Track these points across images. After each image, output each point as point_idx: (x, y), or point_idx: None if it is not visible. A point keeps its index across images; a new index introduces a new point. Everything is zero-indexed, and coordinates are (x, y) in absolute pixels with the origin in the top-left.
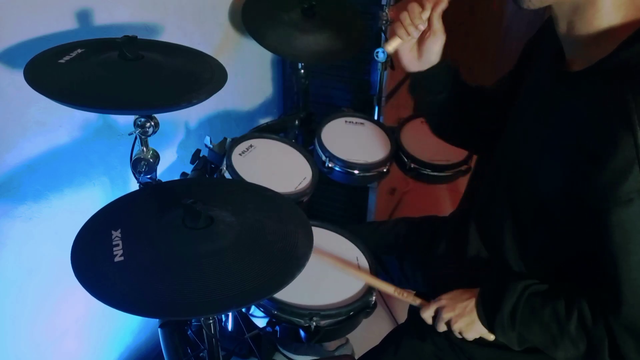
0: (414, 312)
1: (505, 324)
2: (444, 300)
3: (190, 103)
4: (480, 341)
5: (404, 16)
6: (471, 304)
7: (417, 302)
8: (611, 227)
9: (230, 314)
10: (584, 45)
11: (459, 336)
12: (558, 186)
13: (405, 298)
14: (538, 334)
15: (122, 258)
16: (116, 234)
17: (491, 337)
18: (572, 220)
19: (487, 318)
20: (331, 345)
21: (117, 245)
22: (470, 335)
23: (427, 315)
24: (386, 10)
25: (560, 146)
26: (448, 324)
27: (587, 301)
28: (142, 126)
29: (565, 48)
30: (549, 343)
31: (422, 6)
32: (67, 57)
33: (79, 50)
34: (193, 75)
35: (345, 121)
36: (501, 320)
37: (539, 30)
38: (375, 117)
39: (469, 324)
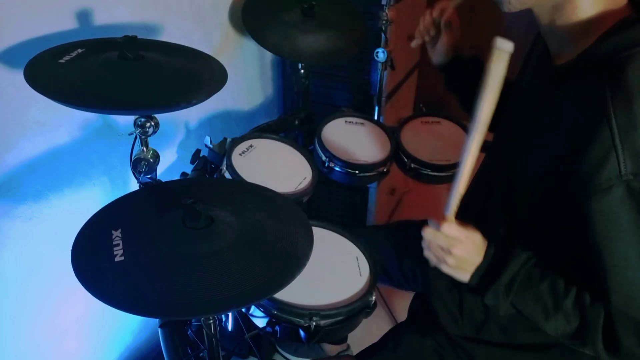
0: (414, 310)
1: (501, 291)
2: (469, 241)
3: (190, 103)
4: (481, 339)
5: (420, 21)
6: (476, 261)
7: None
8: (593, 216)
9: (230, 314)
10: (566, 40)
11: (433, 262)
12: (550, 182)
13: (457, 200)
14: (531, 304)
15: (122, 258)
16: (116, 233)
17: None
18: (564, 217)
19: (481, 282)
20: (332, 351)
21: (118, 245)
22: (446, 271)
23: (449, 230)
24: (386, 10)
25: (551, 141)
26: (438, 249)
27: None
28: (142, 126)
29: (548, 43)
30: (540, 314)
31: (431, 13)
32: (67, 57)
33: (79, 50)
34: (193, 75)
35: (345, 121)
36: (497, 287)
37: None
38: (375, 117)
39: (457, 270)
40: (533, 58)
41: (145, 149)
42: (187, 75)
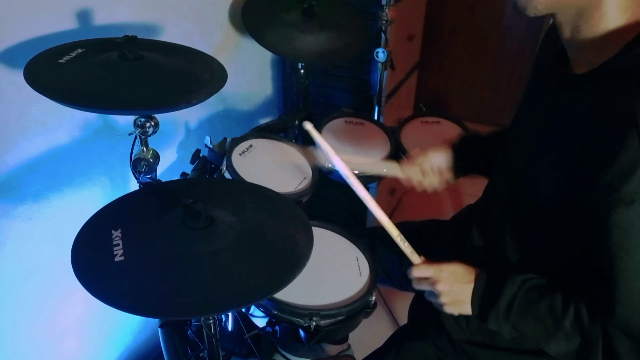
0: (414, 313)
1: (501, 316)
2: (444, 273)
3: (189, 103)
4: (482, 343)
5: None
6: (468, 290)
7: (414, 258)
8: (611, 227)
9: (230, 314)
10: (589, 49)
11: (439, 307)
12: (558, 188)
13: (406, 248)
14: (532, 326)
15: (122, 258)
16: (116, 233)
17: (469, 313)
18: (571, 221)
19: (481, 309)
20: (332, 351)
21: (118, 245)
22: (450, 311)
23: (419, 273)
24: (386, 10)
25: (561, 148)
26: (432, 291)
27: (584, 300)
28: (142, 126)
29: (568, 50)
30: (542, 336)
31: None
32: (67, 57)
33: (79, 50)
34: (193, 75)
35: (345, 121)
36: (497, 312)
37: (545, 36)
38: (375, 117)
39: (456, 304)
40: (544, 63)
41: (145, 149)
42: (187, 75)
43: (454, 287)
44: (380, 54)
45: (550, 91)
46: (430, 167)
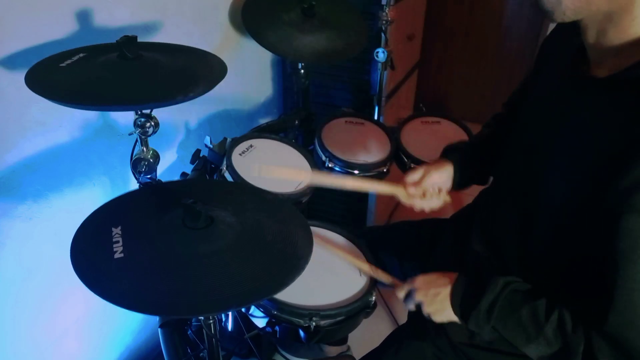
0: (414, 313)
1: (481, 318)
2: (418, 282)
3: (186, 97)
4: (481, 344)
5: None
6: (445, 291)
7: (389, 280)
8: (619, 233)
9: (230, 314)
10: (614, 54)
11: (429, 317)
12: (570, 188)
13: (379, 276)
14: (512, 330)
15: (122, 255)
16: (116, 230)
17: (457, 320)
18: (579, 223)
19: (462, 310)
20: (332, 352)
21: (117, 242)
22: (439, 319)
23: (401, 294)
24: (386, 10)
25: (576, 149)
26: (419, 304)
27: (569, 308)
28: (142, 126)
29: (590, 54)
30: (521, 340)
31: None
32: (68, 62)
33: (80, 55)
34: (191, 70)
35: (345, 121)
36: (477, 315)
37: (553, 32)
38: (375, 117)
39: (439, 310)
40: (554, 63)
41: (145, 149)
42: (185, 70)
43: (430, 291)
44: (380, 54)
45: (565, 92)
46: (432, 188)
